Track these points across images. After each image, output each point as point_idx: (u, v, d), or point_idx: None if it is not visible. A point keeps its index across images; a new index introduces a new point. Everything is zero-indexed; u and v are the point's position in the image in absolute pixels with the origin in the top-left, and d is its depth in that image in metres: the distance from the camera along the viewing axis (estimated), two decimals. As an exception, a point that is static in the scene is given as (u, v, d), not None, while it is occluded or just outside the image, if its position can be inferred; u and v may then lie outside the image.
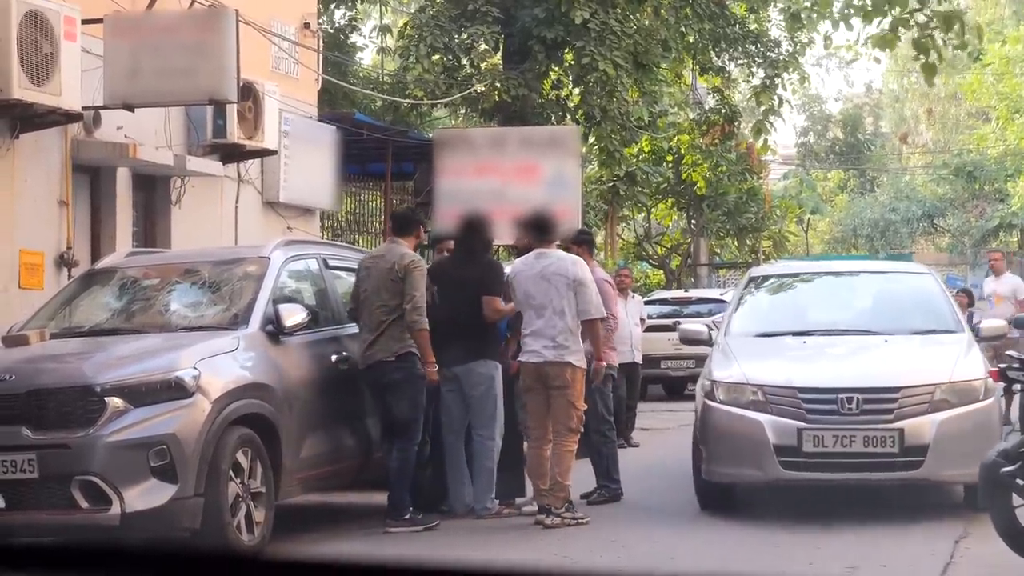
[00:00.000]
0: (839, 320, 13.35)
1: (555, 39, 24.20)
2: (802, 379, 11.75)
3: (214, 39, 14.42)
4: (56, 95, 13.84)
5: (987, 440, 11.01)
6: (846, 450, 11.31)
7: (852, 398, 11.39)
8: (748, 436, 11.56)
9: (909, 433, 11.29)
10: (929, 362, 12.11)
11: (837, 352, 12.78)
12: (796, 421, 11.40)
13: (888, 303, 13.60)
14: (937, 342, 12.63)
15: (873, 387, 11.56)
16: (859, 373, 11.90)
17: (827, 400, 11.45)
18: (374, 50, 32.07)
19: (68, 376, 9.82)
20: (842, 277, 14.92)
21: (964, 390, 11.64)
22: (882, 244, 49.19)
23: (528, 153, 16.63)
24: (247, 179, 18.30)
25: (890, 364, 12.08)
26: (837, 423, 11.35)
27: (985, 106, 49.86)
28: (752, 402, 11.65)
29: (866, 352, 12.54)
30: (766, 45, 30.37)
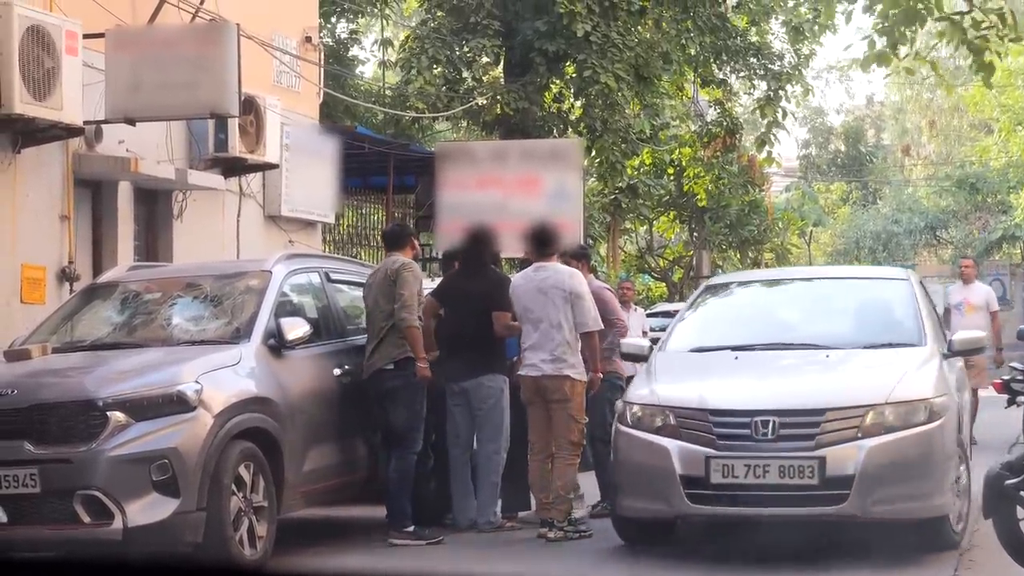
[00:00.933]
0: (785, 332, 11.90)
1: (556, 52, 24.21)
2: (715, 400, 10.41)
3: (215, 53, 14.42)
4: (57, 109, 13.84)
5: (931, 470, 10.13)
6: (759, 481, 9.98)
7: (768, 422, 10.03)
8: (654, 465, 10.30)
9: (831, 462, 9.91)
10: (867, 380, 10.59)
11: (765, 369, 11.20)
12: (705, 448, 10.09)
13: (845, 313, 12.15)
14: (888, 357, 11.07)
15: (793, 409, 10.16)
16: (780, 393, 10.49)
17: (740, 424, 10.12)
18: (375, 63, 32.12)
19: (70, 390, 9.81)
20: (803, 285, 13.46)
21: (903, 412, 10.16)
22: (884, 256, 49.15)
23: (530, 166, 16.64)
24: (249, 193, 18.29)
25: (819, 383, 10.77)
26: (750, 451, 10.02)
27: (987, 118, 49.84)
28: (662, 427, 10.38)
29: (797, 369, 11.17)
30: (768, 57, 30.39)
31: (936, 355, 11.10)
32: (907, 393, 10.32)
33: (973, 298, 19.02)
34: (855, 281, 13.34)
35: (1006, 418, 13.50)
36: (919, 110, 63.10)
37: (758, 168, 36.75)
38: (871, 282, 13.09)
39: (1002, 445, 15.60)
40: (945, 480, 10.26)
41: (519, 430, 12.08)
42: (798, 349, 11.45)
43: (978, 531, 10.87)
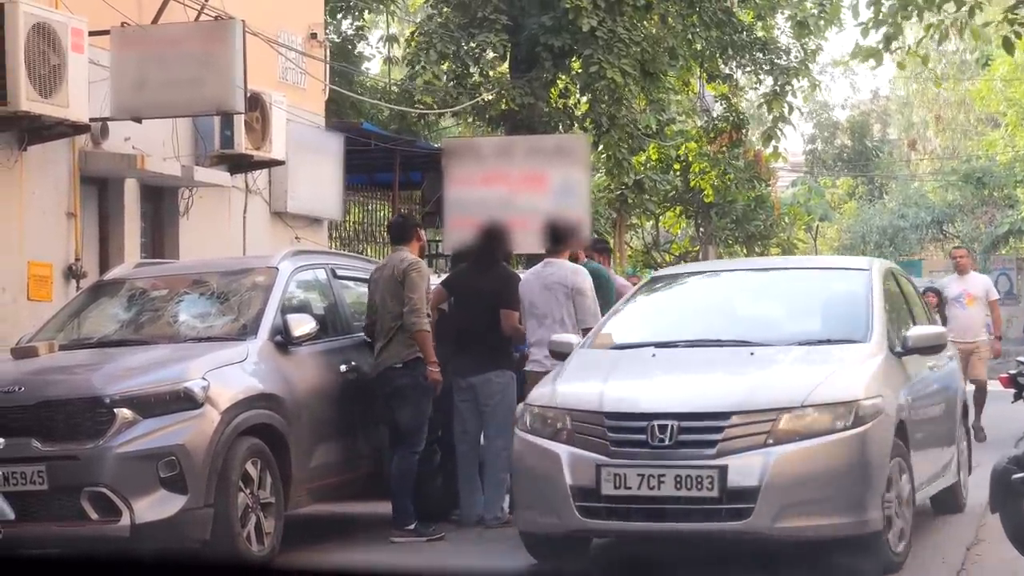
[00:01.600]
0: (717, 328, 10.80)
1: (562, 47, 24.21)
2: (612, 402, 9.42)
3: (221, 50, 14.43)
4: (63, 107, 13.84)
5: (855, 482, 9.10)
6: (653, 493, 9.01)
7: (666, 426, 9.03)
8: (546, 474, 9.39)
9: (734, 472, 8.90)
10: (786, 380, 9.50)
11: (678, 368, 10.21)
12: (597, 455, 9.18)
13: (789, 307, 11.15)
14: (822, 354, 9.95)
15: (694, 412, 9.19)
16: (683, 394, 9.52)
17: (635, 429, 9.15)
18: (381, 60, 32.12)
19: (77, 388, 9.82)
20: (752, 277, 12.18)
21: (823, 416, 9.11)
22: (891, 251, 49.09)
23: (536, 162, 16.63)
24: (255, 189, 18.30)
25: (729, 383, 9.68)
26: (644, 458, 9.06)
27: (994, 112, 49.79)
28: (557, 431, 9.47)
29: (711, 368, 10.11)
30: (774, 52, 30.37)
31: (880, 353, 9.98)
32: (830, 394, 9.22)
33: (972, 288, 18.57)
34: (810, 272, 12.23)
35: (1013, 412, 13.44)
36: (925, 104, 63.04)
37: (764, 163, 36.73)
38: (827, 273, 12.00)
39: (1009, 439, 15.61)
40: (873, 493, 9.12)
41: None
42: (726, 346, 10.30)
43: (985, 525, 10.87)
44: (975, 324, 18.32)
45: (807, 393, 9.18)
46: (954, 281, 18.93)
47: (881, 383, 9.67)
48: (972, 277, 18.89)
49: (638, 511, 9.14)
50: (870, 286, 10.73)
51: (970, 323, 18.26)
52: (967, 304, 18.36)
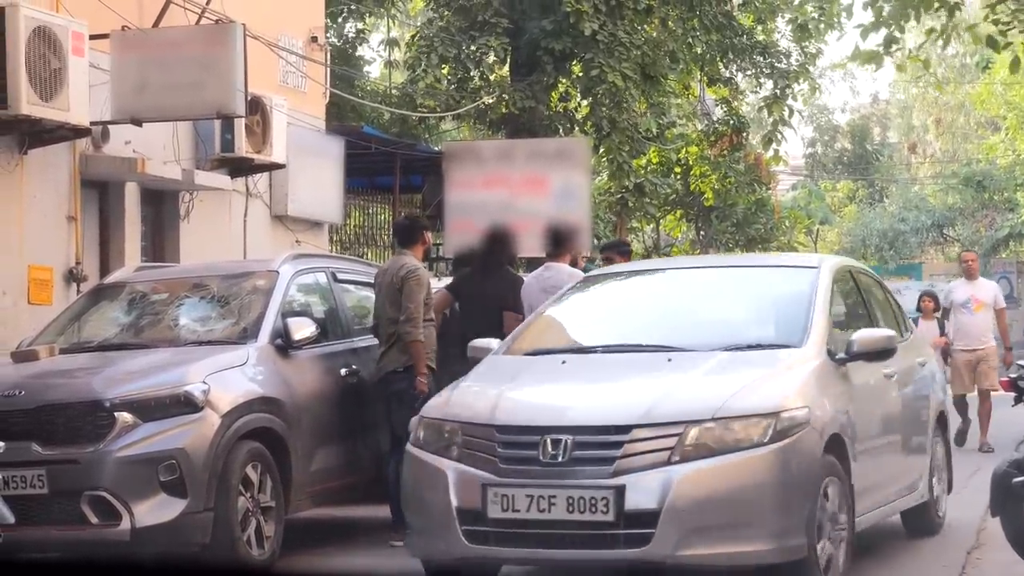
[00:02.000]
0: (640, 332, 9.87)
1: (563, 51, 24.21)
2: (505, 414, 8.50)
3: (222, 53, 14.43)
4: (64, 110, 13.85)
5: (774, 503, 8.15)
6: (543, 516, 8.09)
7: (559, 441, 8.11)
8: (432, 495, 8.55)
9: (632, 493, 7.96)
10: (698, 389, 8.52)
11: (584, 377, 9.30)
12: (485, 473, 8.28)
13: (723, 309, 10.08)
14: (747, 360, 9.01)
15: (591, 425, 8.26)
16: (581, 406, 8.66)
17: (526, 444, 8.23)
18: (382, 63, 32.14)
19: (77, 391, 9.82)
20: (691, 276, 11.01)
21: (736, 429, 8.14)
22: (891, 255, 49.08)
23: (537, 165, 16.62)
24: (255, 193, 18.30)
25: (633, 393, 8.66)
26: (535, 477, 8.17)
27: (994, 115, 49.80)
28: (447, 446, 8.60)
29: (618, 376, 9.12)
30: (774, 56, 30.38)
31: (816, 359, 8.99)
32: (746, 405, 8.25)
33: (981, 294, 17.86)
34: (756, 271, 11.04)
35: (1014, 416, 13.45)
36: (925, 108, 63.04)
37: (765, 167, 36.73)
38: (774, 272, 10.84)
39: (1010, 443, 15.63)
40: (795, 516, 8.17)
41: None
42: (646, 352, 9.34)
43: (985, 529, 10.87)
44: (982, 330, 17.81)
45: (720, 404, 8.22)
46: (962, 286, 18.21)
47: (811, 392, 8.67)
48: (981, 283, 18.31)
49: (527, 536, 8.24)
50: (815, 286, 9.72)
51: (977, 330, 17.76)
52: (975, 310, 17.75)
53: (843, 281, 10.45)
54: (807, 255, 15.48)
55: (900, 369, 10.36)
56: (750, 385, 8.51)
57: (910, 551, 10.49)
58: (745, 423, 8.19)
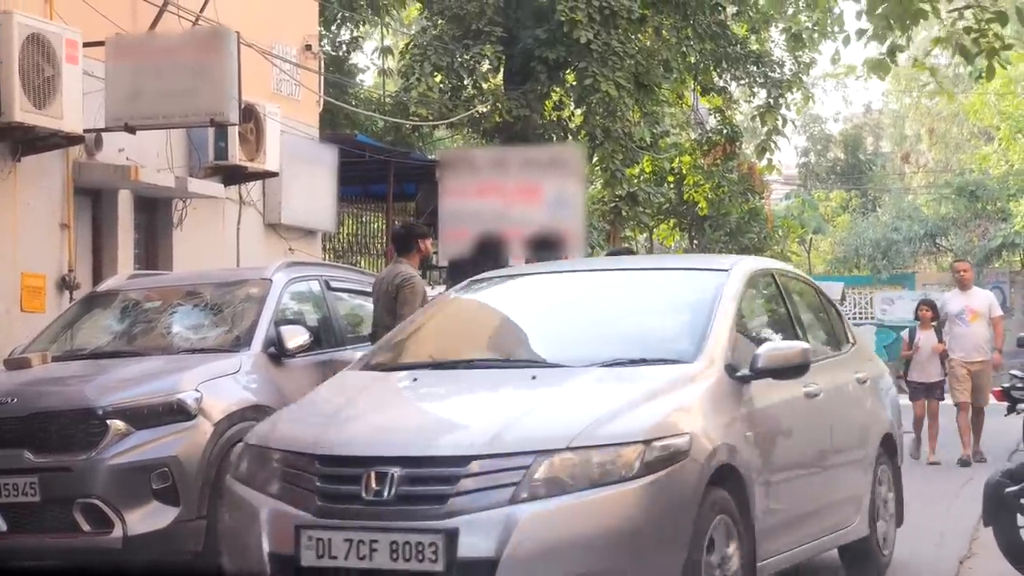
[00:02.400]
0: (512, 344, 8.79)
1: (557, 60, 24.23)
2: (329, 442, 7.20)
3: (215, 61, 14.42)
4: (58, 118, 13.85)
5: (635, 548, 6.75)
6: (363, 564, 6.82)
7: (385, 475, 6.81)
8: (244, 536, 7.32)
9: (466, 538, 6.64)
10: (557, 413, 7.17)
11: (429, 398, 8.01)
12: (301, 513, 7.00)
13: (613, 318, 8.73)
14: (625, 378, 7.62)
15: (423, 456, 6.91)
16: (416, 433, 7.25)
17: (348, 478, 6.95)
18: (375, 72, 32.15)
19: (70, 399, 9.80)
20: (585, 280, 9.66)
21: (597, 461, 6.76)
22: (884, 264, 49.08)
23: (530, 173, 16.63)
24: (249, 201, 18.30)
25: (481, 417, 7.28)
26: (355, 518, 6.89)
27: (987, 125, 49.85)
28: (268, 478, 7.33)
29: (474, 397, 7.81)
30: (767, 65, 30.41)
31: (709, 376, 7.68)
32: (610, 432, 6.89)
33: (975, 304, 17.56)
34: (660, 275, 9.59)
35: (1006, 426, 13.48)
36: (918, 118, 63.12)
37: (758, 176, 36.77)
38: (677, 276, 9.45)
39: (1003, 453, 15.64)
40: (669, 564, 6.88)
41: None
42: (513, 367, 8.11)
43: (978, 539, 10.87)
44: (979, 342, 17.43)
45: (579, 430, 6.87)
46: (956, 296, 17.87)
47: (697, 415, 7.34)
48: (975, 292, 17.93)
49: None
50: (719, 291, 8.46)
51: (974, 341, 17.40)
52: (970, 321, 17.42)
53: (761, 286, 9.29)
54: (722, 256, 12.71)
55: (830, 387, 9.13)
56: (621, 407, 7.12)
57: (902, 562, 10.49)
58: (608, 453, 6.79)
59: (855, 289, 46.91)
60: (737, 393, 7.83)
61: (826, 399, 8.99)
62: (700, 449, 7.10)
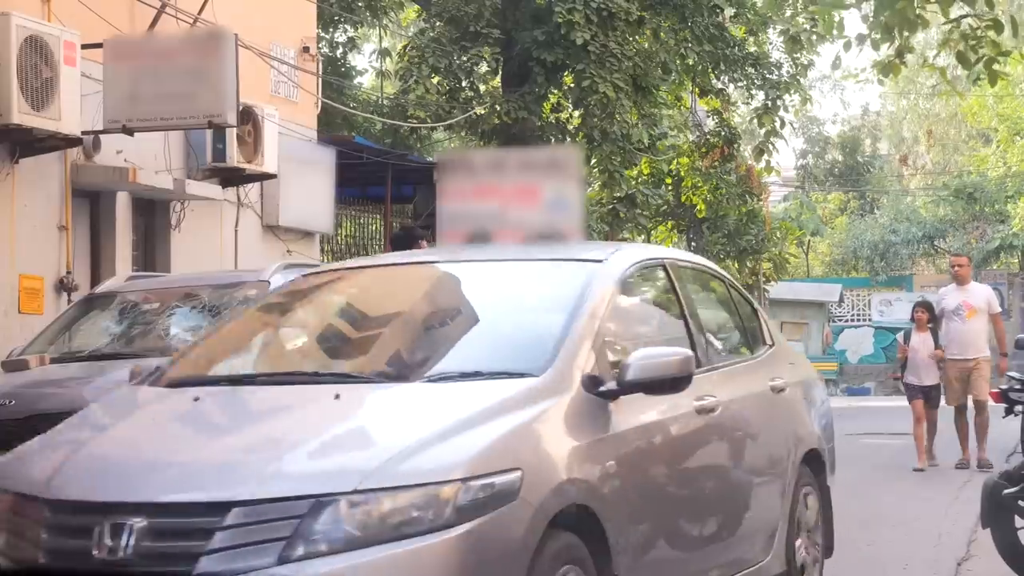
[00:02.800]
0: (328, 354, 7.27)
1: (555, 61, 24.21)
2: (62, 483, 5.71)
3: (213, 63, 14.42)
4: (56, 120, 13.85)
5: None
6: None
7: (122, 526, 5.34)
8: None
9: None
10: (352, 445, 5.82)
11: (207, 423, 6.45)
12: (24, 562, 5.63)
13: (451, 321, 7.35)
14: (448, 398, 6.09)
15: (171, 503, 5.46)
16: (168, 471, 5.68)
17: (80, 529, 5.45)
18: (373, 73, 32.16)
19: (68, 401, 9.78)
20: (428, 274, 8.17)
21: (391, 509, 5.35)
22: (882, 266, 49.13)
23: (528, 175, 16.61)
24: (247, 203, 18.31)
25: (256, 450, 5.79)
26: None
27: (985, 127, 49.91)
28: None
29: (257, 423, 6.31)
30: (765, 67, 30.41)
31: (558, 393, 6.15)
32: (414, 470, 5.44)
33: (973, 300, 16.86)
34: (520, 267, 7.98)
35: (1004, 428, 13.49)
36: (917, 120, 63.16)
37: (756, 178, 36.76)
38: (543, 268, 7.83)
39: (1000, 455, 15.66)
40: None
41: None
42: (319, 383, 6.53)
43: (976, 541, 10.87)
44: (975, 339, 16.80)
45: (374, 466, 5.45)
46: (952, 292, 17.20)
47: (534, 444, 5.91)
48: (972, 288, 17.23)
49: None
50: (587, 288, 6.96)
51: (969, 338, 16.76)
52: (967, 317, 16.77)
53: (647, 280, 7.84)
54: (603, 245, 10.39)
55: (732, 398, 7.67)
56: (436, 435, 5.66)
57: (899, 562, 10.49)
58: (412, 495, 5.36)
59: (853, 291, 47.00)
60: (599, 412, 6.36)
61: (726, 414, 7.51)
62: (535, 487, 5.67)
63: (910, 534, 11.77)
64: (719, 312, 8.74)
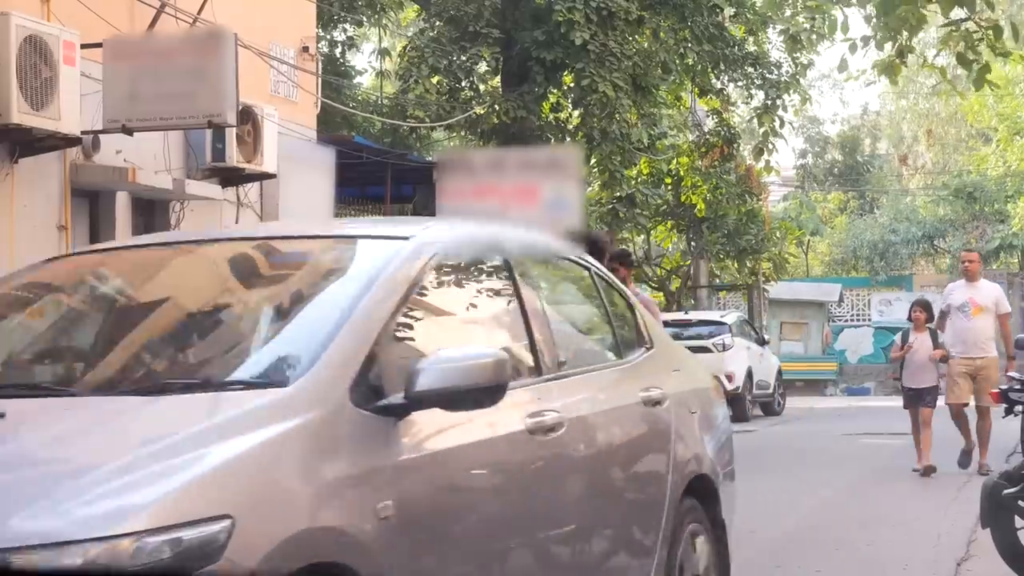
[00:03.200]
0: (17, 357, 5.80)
1: (554, 61, 24.23)
2: None
3: (213, 63, 14.41)
4: (55, 119, 13.84)
5: None
6: None
7: None
8: None
9: None
10: None
11: None
12: None
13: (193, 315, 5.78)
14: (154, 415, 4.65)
15: None
16: None
17: None
18: (373, 73, 32.17)
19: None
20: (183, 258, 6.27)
21: None
22: (882, 266, 49.09)
23: (527, 175, 16.61)
24: (246, 203, 18.29)
25: None
26: None
27: (985, 127, 49.90)
28: None
29: None
30: (765, 67, 30.43)
31: (310, 410, 4.62)
32: (72, 521, 3.94)
33: (980, 298, 16.16)
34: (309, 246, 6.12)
35: (1004, 428, 13.47)
36: (916, 119, 63.16)
37: (756, 178, 36.78)
38: (331, 250, 6.01)
39: (1000, 455, 15.65)
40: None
41: None
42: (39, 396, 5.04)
43: (976, 540, 10.87)
44: (981, 338, 16.06)
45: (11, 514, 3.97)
46: (960, 288, 16.50)
47: (266, 479, 4.37)
48: (982, 285, 16.53)
49: None
50: (378, 274, 5.33)
51: (975, 336, 16.03)
52: (972, 314, 16.06)
53: (472, 265, 6.23)
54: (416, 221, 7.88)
55: (584, 414, 6.14)
56: (109, 472, 4.13)
57: (899, 562, 10.49)
58: (63, 555, 3.86)
59: (853, 291, 46.97)
60: (375, 435, 4.84)
61: (573, 434, 5.92)
62: (253, 541, 4.18)
63: (910, 534, 11.76)
64: (579, 307, 7.27)
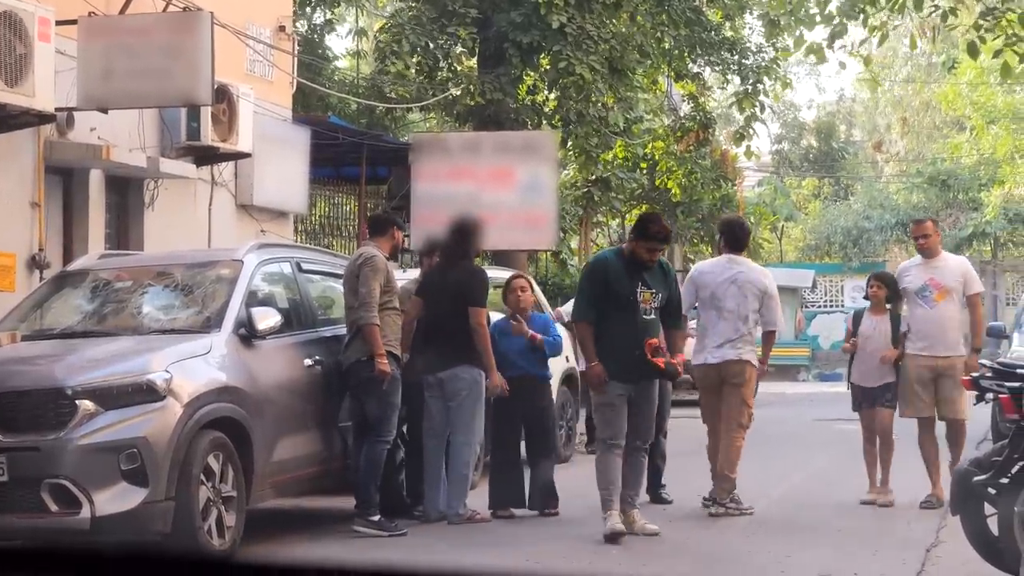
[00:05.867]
0: None
1: (531, 43, 24.18)
2: None
3: (189, 41, 14.37)
4: (29, 96, 13.77)
5: None
6: None
7: None
8: None
9: None
10: None
11: None
12: None
13: None
14: None
15: None
16: None
17: None
18: (348, 53, 32.10)
19: (39, 378, 9.78)
20: None
21: None
22: (855, 252, 49.19)
23: (503, 158, 16.65)
24: (221, 182, 18.24)
25: None
26: None
27: (959, 115, 50.00)
28: None
29: None
30: (742, 52, 30.42)
31: None
32: None
33: (943, 278, 12.69)
34: None
35: (974, 415, 13.50)
36: (891, 106, 63.26)
37: (731, 163, 36.83)
38: None
39: (970, 444, 15.70)
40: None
41: (507, 427, 12.44)
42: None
43: (946, 527, 10.92)
44: (945, 331, 12.68)
45: None
46: (916, 267, 12.91)
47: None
48: (944, 261, 12.91)
49: None
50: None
51: (939, 329, 12.67)
52: (935, 300, 12.63)
53: None
54: None
55: None
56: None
57: (870, 548, 10.52)
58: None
59: (826, 277, 47.06)
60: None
61: None
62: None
63: (880, 520, 11.81)
64: None
